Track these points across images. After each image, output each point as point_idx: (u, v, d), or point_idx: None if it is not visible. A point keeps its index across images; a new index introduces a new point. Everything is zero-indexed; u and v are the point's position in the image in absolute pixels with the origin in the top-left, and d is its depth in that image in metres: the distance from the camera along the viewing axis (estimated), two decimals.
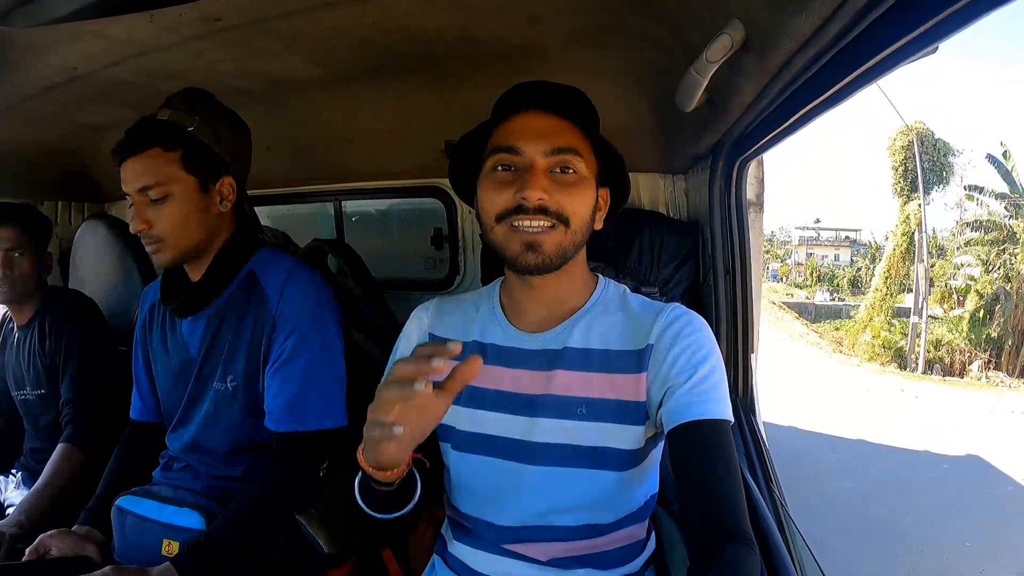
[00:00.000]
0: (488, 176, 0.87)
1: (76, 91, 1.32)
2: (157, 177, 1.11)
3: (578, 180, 0.85)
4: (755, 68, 0.81)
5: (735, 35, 0.77)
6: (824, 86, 0.77)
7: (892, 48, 0.60)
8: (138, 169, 1.11)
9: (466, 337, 0.96)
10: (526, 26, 1.08)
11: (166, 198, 1.12)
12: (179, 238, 1.15)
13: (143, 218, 1.12)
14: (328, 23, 1.08)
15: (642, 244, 1.55)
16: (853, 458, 6.93)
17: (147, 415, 1.34)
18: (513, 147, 0.84)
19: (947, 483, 6.34)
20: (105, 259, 1.75)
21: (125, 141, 1.12)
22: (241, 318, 1.19)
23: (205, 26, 1.04)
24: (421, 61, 1.27)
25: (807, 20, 0.63)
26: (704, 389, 0.81)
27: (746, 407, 1.53)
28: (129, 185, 1.12)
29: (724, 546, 0.71)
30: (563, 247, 0.84)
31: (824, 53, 0.69)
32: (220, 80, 1.29)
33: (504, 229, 0.84)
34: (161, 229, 1.13)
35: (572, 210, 0.84)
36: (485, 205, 0.86)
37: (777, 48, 0.72)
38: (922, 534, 5.01)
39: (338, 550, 1.19)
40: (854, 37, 0.64)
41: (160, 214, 1.12)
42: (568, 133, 0.84)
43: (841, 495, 5.73)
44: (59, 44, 1.09)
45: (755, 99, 0.93)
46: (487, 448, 0.91)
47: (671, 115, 1.21)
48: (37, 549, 1.11)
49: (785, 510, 1.24)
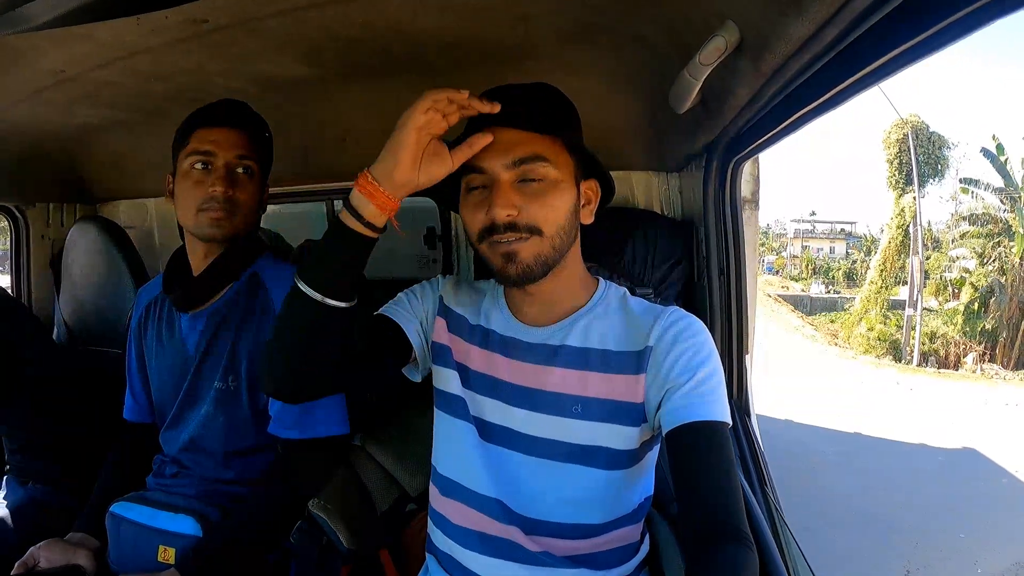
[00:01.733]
0: (464, 197, 0.89)
1: (65, 93, 1.31)
2: (247, 151, 1.18)
3: (547, 187, 0.85)
4: (749, 71, 0.81)
5: (729, 37, 0.76)
6: (819, 90, 0.76)
7: (889, 55, 0.60)
8: (236, 137, 1.17)
9: (474, 318, 0.99)
10: (516, 25, 1.07)
11: (251, 174, 1.20)
12: (242, 214, 1.19)
13: (230, 184, 1.16)
14: (317, 23, 1.06)
15: (636, 244, 1.55)
16: (848, 451, 6.99)
17: (140, 415, 1.33)
18: (476, 167, 0.85)
19: (941, 475, 6.41)
20: (97, 261, 1.73)
21: (220, 110, 1.19)
22: (244, 319, 1.20)
23: (192, 28, 1.02)
24: (412, 61, 1.26)
25: (803, 24, 0.62)
26: (703, 391, 0.81)
27: (740, 408, 1.53)
28: (221, 147, 1.16)
29: (722, 547, 0.72)
30: (541, 255, 0.85)
31: (820, 58, 0.68)
32: (210, 81, 1.28)
33: (486, 246, 0.86)
34: (239, 197, 1.17)
35: (543, 218, 0.84)
36: (467, 225, 0.89)
37: (772, 51, 0.72)
38: (916, 526, 5.06)
39: (358, 547, 1.21)
40: (850, 43, 0.63)
41: (243, 187, 1.18)
42: (531, 141, 0.84)
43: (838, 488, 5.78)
44: (46, 47, 1.08)
45: (749, 101, 0.92)
46: (486, 432, 0.93)
47: (664, 115, 1.20)
48: (26, 561, 1.10)
49: (779, 513, 1.24)
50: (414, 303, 1.01)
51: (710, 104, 1.05)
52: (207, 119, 1.16)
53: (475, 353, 0.96)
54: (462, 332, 0.98)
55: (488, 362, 0.95)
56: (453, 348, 0.98)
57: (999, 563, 4.64)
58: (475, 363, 0.96)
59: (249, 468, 1.22)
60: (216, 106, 1.19)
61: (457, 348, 0.98)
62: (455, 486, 0.94)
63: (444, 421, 0.98)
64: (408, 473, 1.39)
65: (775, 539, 1.03)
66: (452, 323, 1.00)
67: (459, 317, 1.00)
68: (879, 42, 0.60)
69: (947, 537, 4.92)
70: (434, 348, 1.00)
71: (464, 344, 0.97)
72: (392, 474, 1.40)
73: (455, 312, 1.00)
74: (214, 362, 1.20)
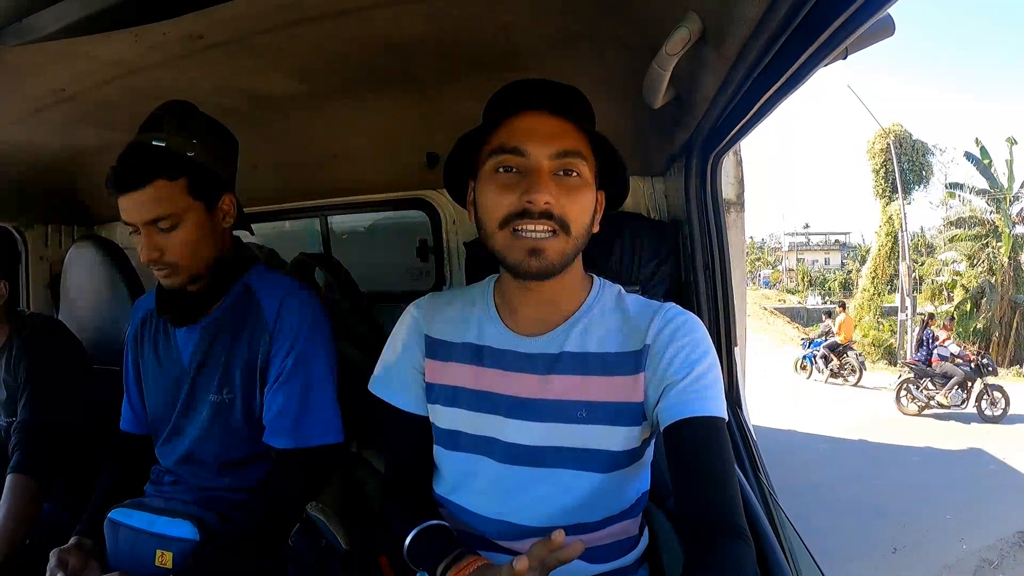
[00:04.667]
0: (490, 178, 0.85)
1: (64, 113, 1.34)
2: (165, 209, 1.09)
3: (581, 184, 0.84)
4: (714, 58, 0.84)
5: (692, 27, 0.80)
6: (781, 69, 0.79)
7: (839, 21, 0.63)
8: (144, 202, 1.08)
9: (461, 337, 0.96)
10: (499, 34, 1.10)
11: (176, 225, 1.11)
12: (192, 261, 1.15)
13: (154, 247, 1.11)
14: (308, 39, 1.10)
15: (623, 245, 1.58)
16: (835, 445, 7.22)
17: (138, 427, 1.33)
18: (518, 148, 0.82)
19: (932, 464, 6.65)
20: (95, 281, 1.75)
21: (124, 173, 1.08)
22: (237, 331, 1.20)
23: (189, 44, 1.06)
24: (400, 74, 1.29)
25: (755, 6, 0.66)
26: (701, 387, 0.82)
27: (731, 399, 1.55)
28: (134, 217, 1.09)
29: (720, 541, 0.73)
30: (566, 253, 0.84)
31: (777, 37, 0.72)
32: (205, 99, 1.31)
33: (505, 235, 0.83)
34: (174, 256, 1.12)
35: (574, 216, 0.83)
36: (488, 207, 0.85)
37: (732, 36, 0.75)
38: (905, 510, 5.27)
39: (356, 548, 1.22)
40: (802, 18, 0.66)
41: (171, 241, 1.11)
42: (572, 135, 0.84)
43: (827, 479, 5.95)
44: (48, 64, 1.11)
45: (718, 90, 0.96)
46: (482, 449, 0.92)
47: (643, 115, 1.24)
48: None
49: (774, 499, 1.25)
50: (404, 363, 1.00)
51: (683, 98, 1.09)
52: (118, 186, 1.09)
53: (466, 372, 0.94)
54: (450, 357, 0.96)
55: (482, 378, 0.93)
56: (442, 379, 0.96)
57: (983, 540, 4.84)
58: (467, 382, 0.94)
59: (245, 478, 1.22)
60: (118, 171, 1.09)
61: (446, 376, 0.96)
62: (452, 506, 0.95)
63: (442, 454, 0.98)
64: None
65: (772, 528, 1.03)
66: (439, 353, 0.98)
67: (445, 344, 0.98)
68: (828, 13, 0.63)
69: (934, 519, 5.14)
70: (428, 389, 0.99)
71: (453, 367, 0.96)
72: None
73: (439, 340, 0.98)
74: (209, 375, 1.21)
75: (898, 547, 4.64)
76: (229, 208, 1.21)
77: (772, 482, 1.34)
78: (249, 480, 1.22)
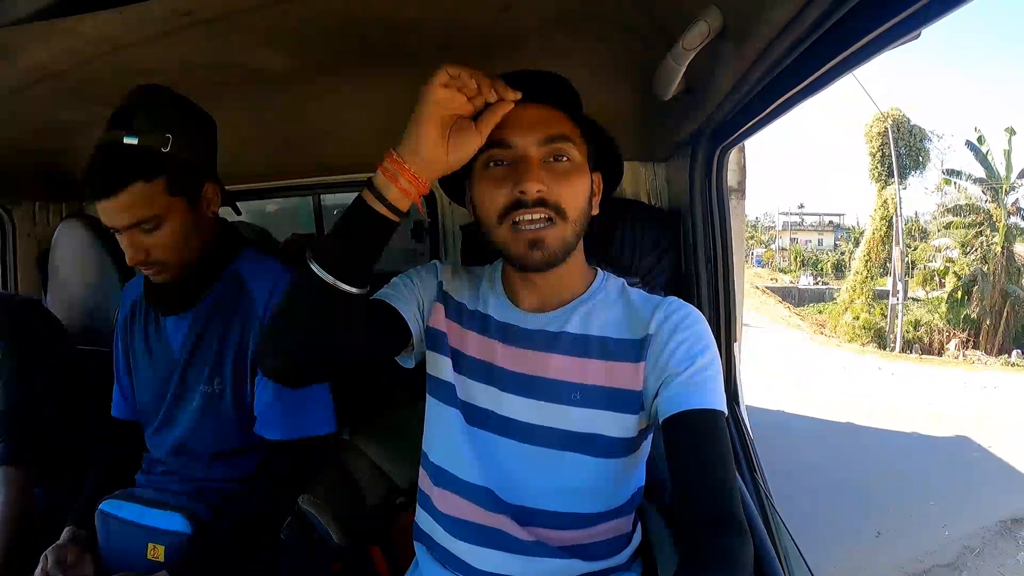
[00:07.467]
0: (482, 174, 0.86)
1: (49, 90, 1.28)
2: (146, 212, 1.05)
3: (572, 167, 0.85)
4: (733, 56, 0.81)
5: (712, 22, 0.76)
6: (804, 74, 0.76)
7: (873, 34, 0.60)
8: (122, 207, 1.03)
9: (472, 304, 0.98)
10: (500, 13, 1.06)
11: (159, 225, 1.07)
12: (179, 256, 1.12)
13: (138, 248, 1.07)
14: (300, 14, 1.05)
15: (624, 234, 1.55)
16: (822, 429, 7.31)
17: (129, 412, 1.32)
18: (504, 140, 0.83)
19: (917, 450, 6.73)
20: (84, 259, 1.72)
21: (97, 178, 1.02)
22: (228, 320, 1.18)
23: (176, 20, 1.01)
24: (396, 51, 1.25)
25: (785, 8, 0.62)
26: (701, 380, 0.82)
27: (729, 396, 1.54)
28: (114, 221, 1.05)
29: (719, 535, 0.72)
30: (566, 240, 0.85)
31: (803, 41, 0.68)
32: (194, 74, 1.26)
33: (506, 230, 0.84)
34: (161, 255, 1.10)
35: (568, 200, 0.83)
36: (484, 204, 0.86)
37: (755, 36, 0.72)
38: (890, 496, 5.38)
39: (349, 542, 1.22)
40: (833, 24, 0.63)
41: (156, 241, 1.08)
42: (557, 120, 0.85)
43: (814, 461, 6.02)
44: (29, 43, 1.06)
45: (734, 87, 0.92)
46: (478, 420, 0.92)
47: (650, 103, 1.20)
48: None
49: (769, 500, 1.26)
50: (412, 288, 0.99)
51: (695, 91, 1.05)
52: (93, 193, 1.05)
53: (472, 339, 0.96)
54: (460, 318, 0.98)
55: (485, 348, 0.94)
56: (449, 334, 0.97)
57: (965, 527, 4.95)
58: (471, 349, 0.95)
59: (236, 469, 1.21)
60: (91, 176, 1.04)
61: (453, 334, 0.97)
62: (444, 474, 0.94)
63: (435, 407, 0.98)
64: (397, 466, 1.40)
65: (767, 530, 1.04)
66: (451, 309, 0.99)
67: (458, 303, 0.99)
68: (862, 22, 0.60)
69: (918, 505, 5.24)
70: (429, 334, 0.99)
71: (461, 330, 0.97)
72: (381, 467, 1.41)
73: (454, 298, 0.99)
74: (200, 365, 1.19)
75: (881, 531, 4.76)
76: (212, 196, 1.17)
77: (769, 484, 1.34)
78: (241, 471, 1.21)
